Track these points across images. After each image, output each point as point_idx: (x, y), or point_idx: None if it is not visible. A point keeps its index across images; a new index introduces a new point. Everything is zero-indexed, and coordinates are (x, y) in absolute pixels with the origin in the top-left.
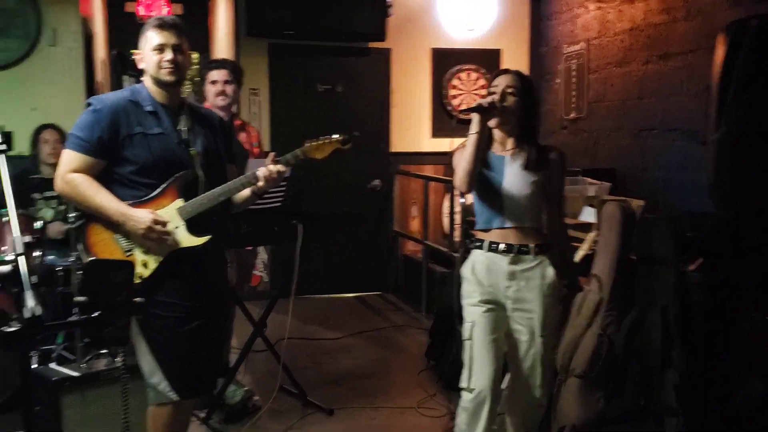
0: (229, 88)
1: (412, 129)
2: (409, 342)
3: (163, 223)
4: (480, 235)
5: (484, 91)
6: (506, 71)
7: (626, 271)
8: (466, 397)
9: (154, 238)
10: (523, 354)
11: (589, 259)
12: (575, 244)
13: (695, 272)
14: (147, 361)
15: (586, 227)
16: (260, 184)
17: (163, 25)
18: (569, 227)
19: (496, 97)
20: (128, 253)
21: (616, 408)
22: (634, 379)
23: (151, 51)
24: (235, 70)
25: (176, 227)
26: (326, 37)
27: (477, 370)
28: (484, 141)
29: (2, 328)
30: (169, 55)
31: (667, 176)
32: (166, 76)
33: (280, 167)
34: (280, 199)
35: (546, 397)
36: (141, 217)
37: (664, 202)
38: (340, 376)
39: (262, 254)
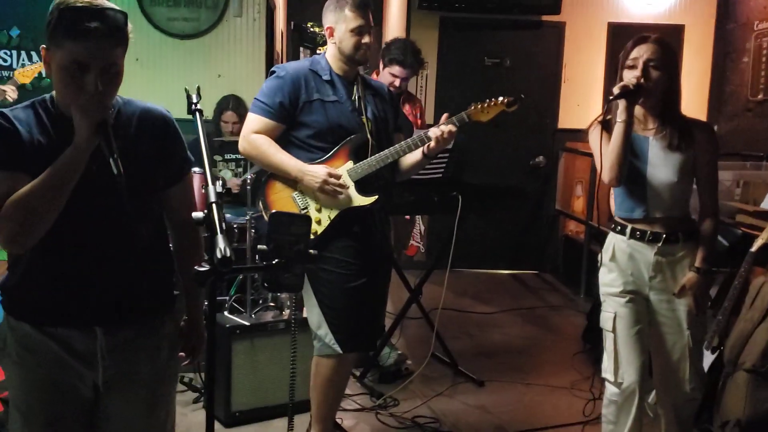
0: (404, 85)
1: (582, 105)
2: (565, 323)
3: (337, 176)
4: (621, 220)
5: None
6: (644, 39)
7: None
8: (613, 389)
9: (329, 190)
10: (670, 347)
11: (766, 249)
12: (755, 232)
13: None
14: (315, 314)
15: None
16: (432, 144)
17: (362, 6)
18: (748, 214)
19: (637, 73)
20: (303, 211)
21: None
22: None
23: (348, 32)
24: (418, 70)
25: (347, 187)
26: (499, 9)
27: (624, 363)
28: (632, 127)
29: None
30: (367, 38)
31: None
32: (362, 57)
33: (451, 127)
34: (441, 170)
35: (698, 391)
36: (317, 171)
37: None
38: (492, 350)
39: (420, 224)
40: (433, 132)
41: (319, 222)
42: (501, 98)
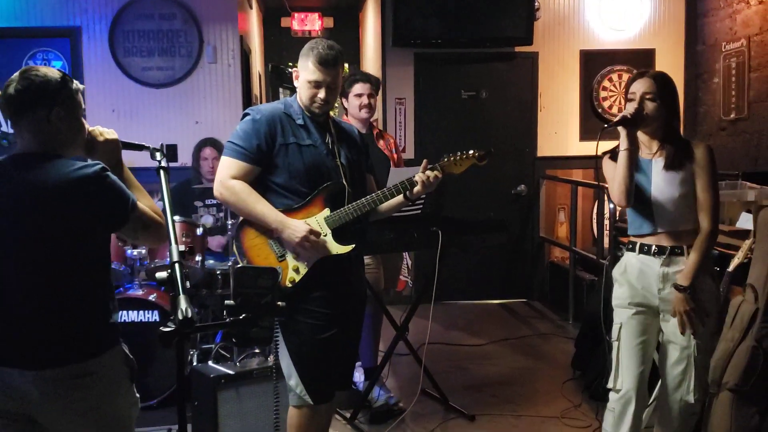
0: (373, 101)
1: (560, 133)
2: (554, 351)
3: (317, 234)
4: (633, 238)
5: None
6: (641, 75)
7: None
8: (612, 397)
9: (308, 247)
10: (676, 358)
11: (744, 268)
12: (731, 252)
13: None
14: (286, 364)
15: (744, 234)
16: (417, 188)
17: (324, 63)
18: (724, 234)
19: (635, 105)
20: (281, 258)
21: None
22: None
23: (306, 82)
24: (377, 83)
25: (324, 235)
26: (472, 43)
27: (624, 371)
28: (637, 153)
29: (160, 327)
30: (322, 93)
31: None
32: (316, 110)
33: (437, 173)
34: (419, 206)
35: (699, 404)
36: (297, 227)
37: None
38: (482, 383)
39: (407, 259)
40: (419, 177)
41: (297, 270)
42: (472, 151)
